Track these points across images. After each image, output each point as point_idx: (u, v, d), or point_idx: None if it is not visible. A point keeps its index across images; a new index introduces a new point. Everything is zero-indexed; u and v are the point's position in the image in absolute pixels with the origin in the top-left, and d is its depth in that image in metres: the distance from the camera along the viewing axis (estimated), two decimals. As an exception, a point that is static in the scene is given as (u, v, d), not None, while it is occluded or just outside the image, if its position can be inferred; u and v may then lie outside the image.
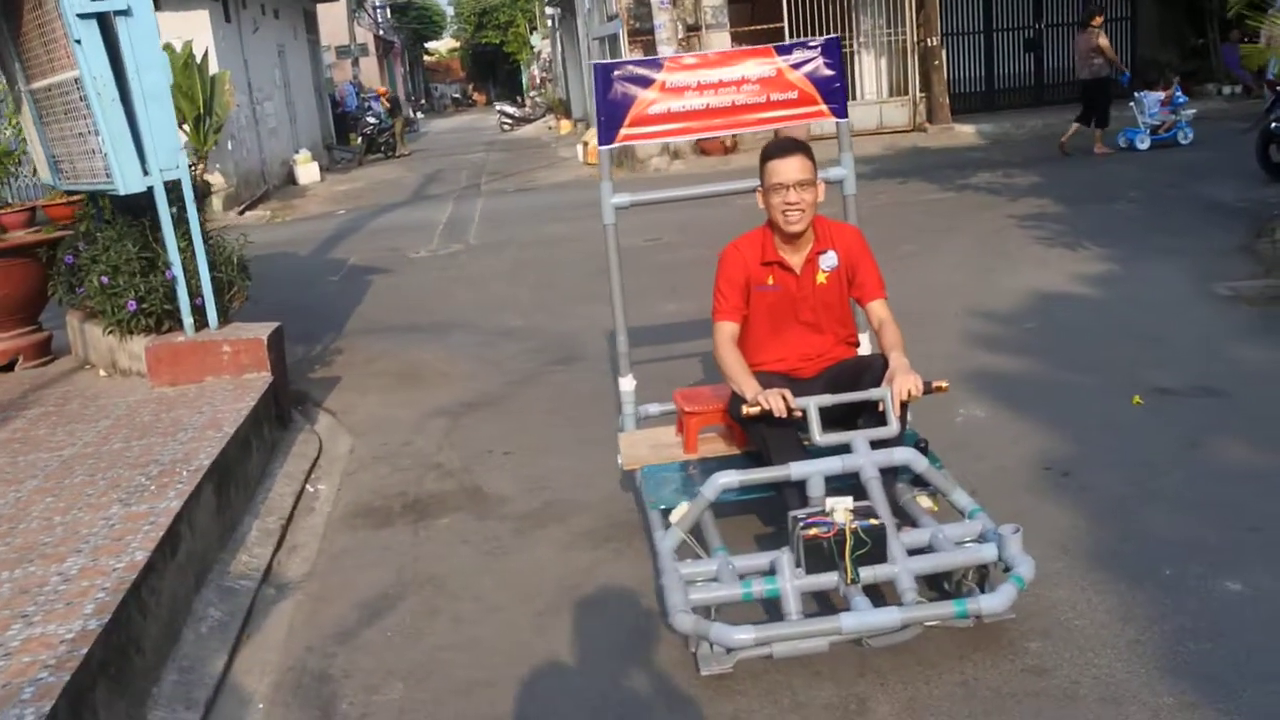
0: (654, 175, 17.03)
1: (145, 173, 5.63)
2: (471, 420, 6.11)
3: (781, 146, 3.93)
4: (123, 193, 5.65)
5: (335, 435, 6.12)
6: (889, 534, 3.26)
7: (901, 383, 3.63)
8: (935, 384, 3.71)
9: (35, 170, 7.26)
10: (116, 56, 5.47)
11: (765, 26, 18.07)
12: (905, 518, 3.64)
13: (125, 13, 5.40)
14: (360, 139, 26.60)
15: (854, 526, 3.18)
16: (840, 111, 4.40)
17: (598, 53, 21.25)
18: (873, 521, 3.21)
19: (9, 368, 6.68)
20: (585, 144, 19.88)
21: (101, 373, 6.34)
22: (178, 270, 5.80)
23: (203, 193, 17.31)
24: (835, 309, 4.09)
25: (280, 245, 13.31)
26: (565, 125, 27.05)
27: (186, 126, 17.02)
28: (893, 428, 3.62)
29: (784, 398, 3.59)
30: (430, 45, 60.17)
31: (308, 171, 21.95)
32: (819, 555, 3.18)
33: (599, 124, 4.36)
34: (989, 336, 6.68)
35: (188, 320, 5.89)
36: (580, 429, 5.64)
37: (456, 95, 55.44)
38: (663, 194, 4.99)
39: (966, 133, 17.91)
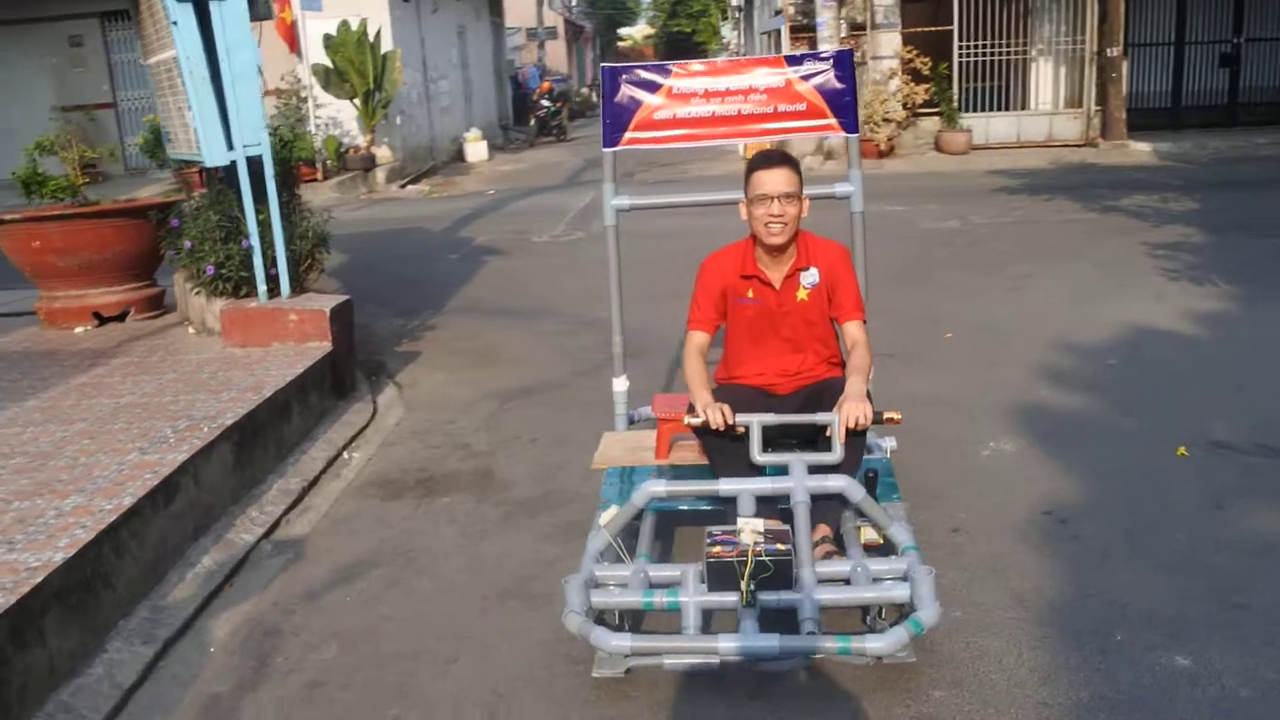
0: (805, 174, 16.90)
1: (230, 147, 6.02)
2: (518, 405, 6.30)
3: (767, 158, 3.94)
4: (208, 165, 6.08)
5: (391, 407, 6.42)
6: (803, 560, 3.26)
7: (850, 410, 3.60)
8: (887, 414, 3.66)
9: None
10: (210, 38, 5.86)
11: (935, 29, 17.63)
12: (844, 546, 3.63)
13: (220, -3, 5.79)
14: (534, 120, 27.26)
15: (758, 550, 3.19)
16: (850, 126, 4.37)
17: (763, 47, 21.17)
18: (779, 547, 3.21)
19: (121, 318, 7.24)
20: (744, 139, 19.81)
21: (191, 330, 6.82)
22: (254, 240, 6.18)
23: (367, 165, 18.17)
24: (817, 327, 4.07)
25: (421, 220, 13.87)
26: (737, 118, 26.85)
27: (357, 100, 17.89)
28: (835, 454, 3.59)
29: (723, 412, 3.63)
30: (624, 31, 61.02)
31: (476, 150, 22.65)
32: (722, 574, 3.21)
33: (604, 126, 4.46)
34: (1063, 369, 6.44)
35: (261, 288, 6.28)
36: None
37: (646, 81, 55.84)
38: (662, 199, 5.07)
39: (1141, 151, 17.10)
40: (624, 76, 4.36)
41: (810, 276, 4.01)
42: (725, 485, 3.50)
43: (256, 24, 19.97)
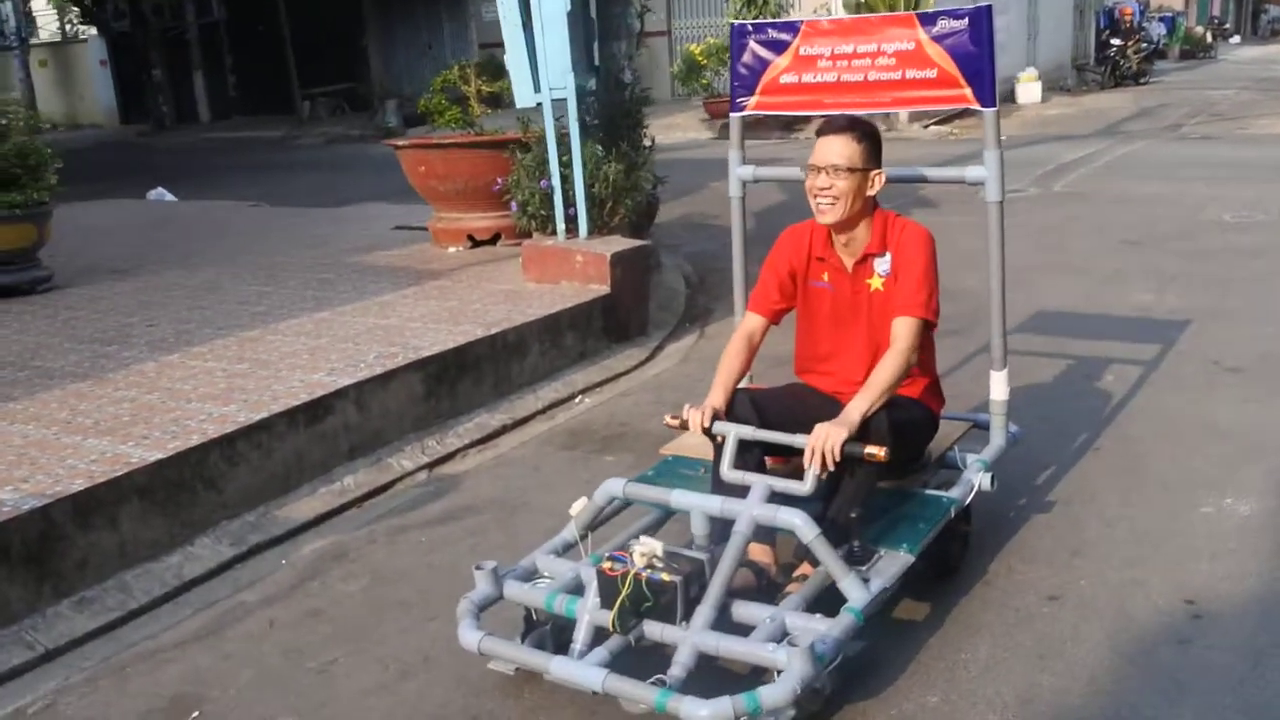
0: None
1: (536, 90, 6.29)
2: (775, 374, 5.97)
3: (832, 124, 3.41)
4: (517, 106, 6.39)
5: (671, 357, 6.41)
6: (709, 599, 2.85)
7: (820, 433, 3.04)
8: (867, 450, 3.02)
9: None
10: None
11: None
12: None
13: (531, -53, 6.03)
14: (1103, 63, 24.87)
15: (641, 574, 2.83)
16: (985, 97, 3.55)
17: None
18: (664, 577, 2.82)
19: (492, 241, 7.89)
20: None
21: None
22: (555, 181, 6.44)
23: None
24: (899, 329, 3.44)
25: (906, 164, 13.31)
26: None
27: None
28: (804, 485, 3.05)
29: (702, 415, 3.24)
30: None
31: (1028, 91, 21.20)
32: (608, 591, 2.89)
33: (731, 89, 4.04)
34: None
35: (559, 227, 6.53)
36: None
37: (1294, 19, 47.88)
38: (790, 171, 4.45)
39: None
40: (753, 35, 3.91)
41: (884, 263, 3.42)
42: (677, 498, 3.13)
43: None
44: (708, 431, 3.26)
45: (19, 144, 6.85)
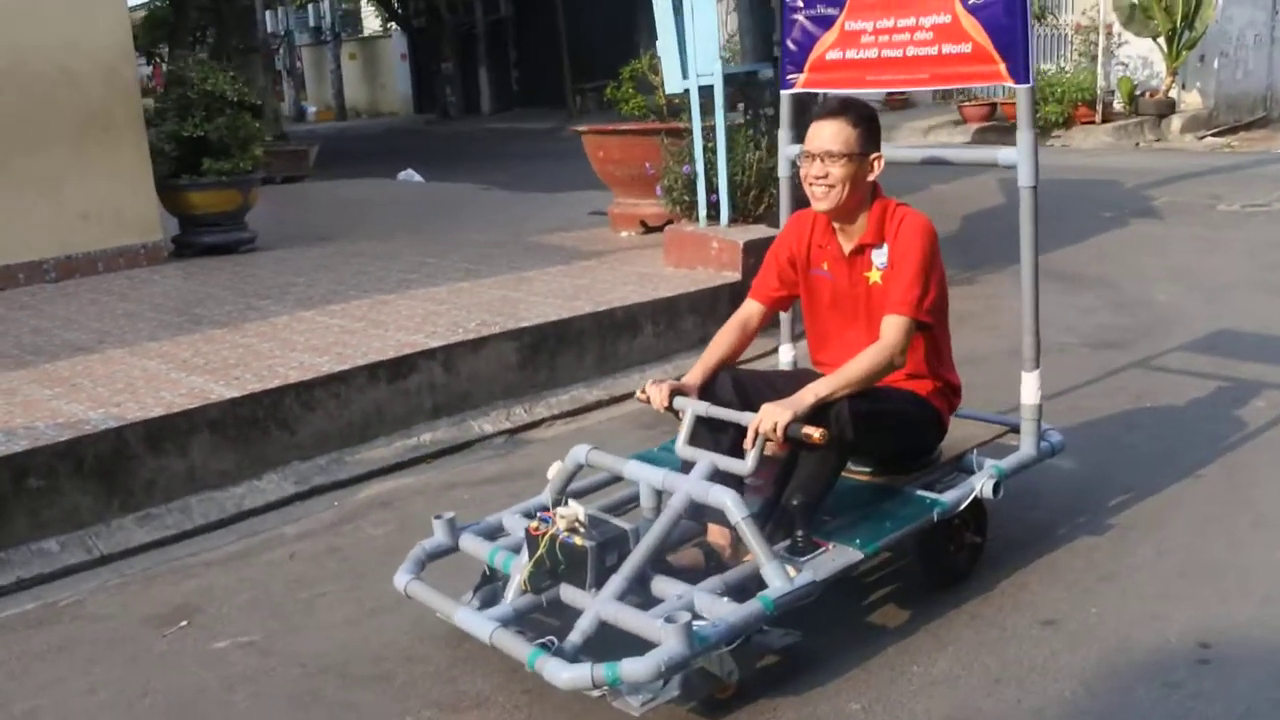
0: None
1: (684, 76, 6.32)
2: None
3: (826, 108, 3.26)
4: (667, 92, 6.44)
5: (796, 350, 6.27)
6: (626, 570, 2.82)
7: (763, 414, 2.93)
8: (807, 430, 2.88)
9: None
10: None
11: None
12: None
13: (683, -64, 6.07)
14: None
15: (557, 536, 2.84)
16: (1018, 73, 3.27)
17: None
18: (576, 541, 2.82)
19: (660, 229, 7.97)
20: None
21: (674, 245, 7.29)
22: (697, 167, 6.44)
23: (1163, 110, 16.57)
24: (896, 322, 3.26)
25: (1145, 173, 12.35)
26: None
27: (1160, 40, 16.30)
28: (745, 464, 2.96)
29: (663, 392, 3.19)
30: None
31: (1340, 101, 19.11)
32: (534, 551, 2.92)
33: (782, 66, 3.92)
34: None
35: (701, 213, 6.54)
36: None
37: None
38: None
39: None
40: (803, 10, 3.79)
41: (882, 255, 3.25)
42: (629, 469, 3.12)
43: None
44: (669, 408, 3.22)
45: (231, 118, 7.53)
